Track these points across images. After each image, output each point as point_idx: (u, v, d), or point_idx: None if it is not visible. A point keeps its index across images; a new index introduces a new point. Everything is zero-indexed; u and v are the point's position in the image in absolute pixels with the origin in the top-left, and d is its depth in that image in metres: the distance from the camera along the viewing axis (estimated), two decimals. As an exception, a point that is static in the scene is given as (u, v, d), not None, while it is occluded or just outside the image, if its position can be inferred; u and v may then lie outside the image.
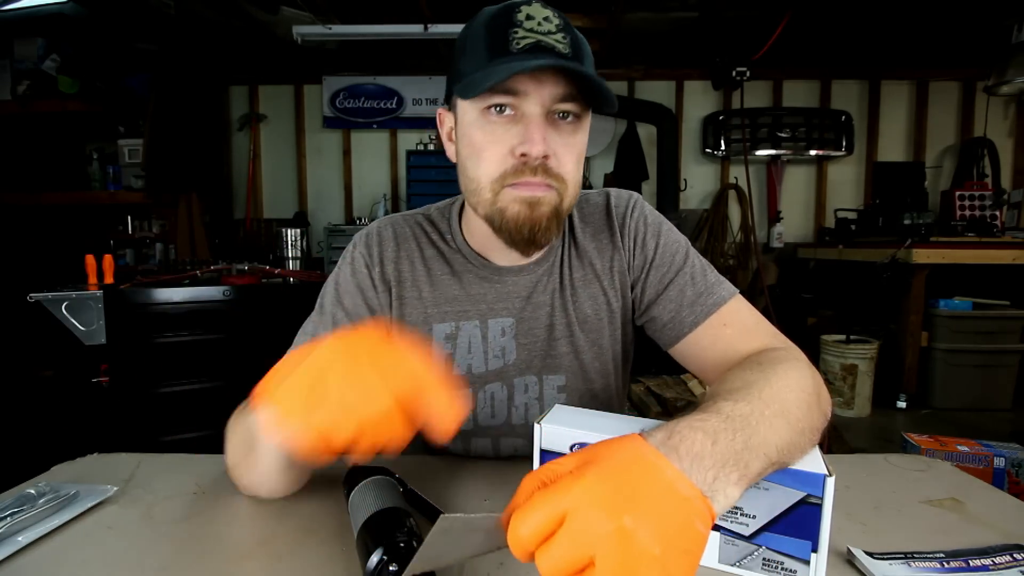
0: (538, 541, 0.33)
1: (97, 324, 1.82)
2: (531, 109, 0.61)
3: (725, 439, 0.40)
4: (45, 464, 0.72)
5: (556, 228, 0.66)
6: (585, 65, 0.61)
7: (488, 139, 0.63)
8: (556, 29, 0.60)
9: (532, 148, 0.60)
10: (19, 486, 0.64)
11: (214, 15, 3.12)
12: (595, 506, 0.32)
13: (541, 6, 0.62)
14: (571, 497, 0.33)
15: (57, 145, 3.76)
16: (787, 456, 0.45)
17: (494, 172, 0.63)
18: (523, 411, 0.77)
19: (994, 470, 1.68)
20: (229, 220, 4.22)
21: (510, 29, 0.59)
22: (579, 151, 0.65)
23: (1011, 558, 0.50)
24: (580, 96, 0.62)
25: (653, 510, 0.33)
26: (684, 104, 4.18)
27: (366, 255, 0.77)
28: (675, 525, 0.33)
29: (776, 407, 0.47)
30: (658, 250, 0.75)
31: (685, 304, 0.72)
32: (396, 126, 4.21)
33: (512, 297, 0.76)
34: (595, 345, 0.77)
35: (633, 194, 0.81)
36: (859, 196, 4.16)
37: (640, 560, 0.31)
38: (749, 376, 0.53)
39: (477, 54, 0.61)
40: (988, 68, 3.10)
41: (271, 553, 0.52)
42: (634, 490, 0.34)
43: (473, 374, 0.75)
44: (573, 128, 0.64)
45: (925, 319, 2.98)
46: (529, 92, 0.60)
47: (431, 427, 0.43)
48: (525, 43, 0.58)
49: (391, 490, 0.53)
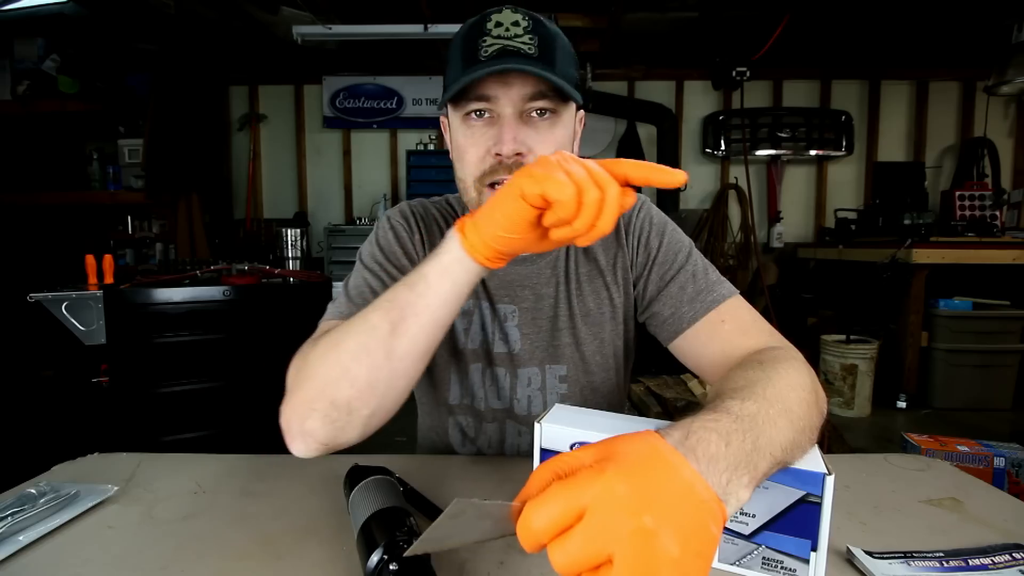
0: (553, 534, 0.33)
1: (97, 324, 1.82)
2: (503, 110, 0.65)
3: (737, 441, 0.41)
4: (45, 464, 0.72)
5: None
6: (557, 61, 0.64)
7: (468, 142, 0.68)
8: (524, 31, 0.64)
9: (503, 147, 0.64)
10: (20, 486, 0.64)
11: (214, 15, 3.13)
12: (617, 504, 0.32)
13: (511, 11, 0.66)
14: (592, 493, 0.33)
15: (57, 145, 3.77)
16: (790, 455, 0.45)
17: (475, 172, 0.68)
18: (526, 403, 0.79)
19: (994, 470, 1.68)
20: (229, 220, 4.23)
21: (480, 39, 0.64)
22: (558, 143, 0.68)
23: (1010, 557, 0.50)
24: (553, 92, 0.65)
25: (673, 511, 0.33)
26: (684, 104, 4.18)
27: (403, 223, 0.79)
28: (692, 527, 0.33)
29: (779, 406, 0.47)
30: (661, 248, 0.77)
31: (685, 300, 0.73)
32: (396, 126, 4.21)
33: (515, 286, 0.79)
34: (597, 338, 0.79)
35: (640, 196, 0.83)
36: (859, 196, 4.16)
37: (660, 561, 0.31)
38: (752, 375, 0.53)
39: (455, 64, 0.67)
40: (988, 68, 3.11)
41: (271, 553, 0.52)
42: (655, 490, 0.34)
43: (482, 349, 0.79)
44: (550, 123, 0.67)
45: (925, 319, 2.98)
46: (499, 96, 0.64)
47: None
48: (492, 50, 0.63)
49: (391, 490, 0.54)
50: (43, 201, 3.58)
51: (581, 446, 0.39)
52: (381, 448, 0.70)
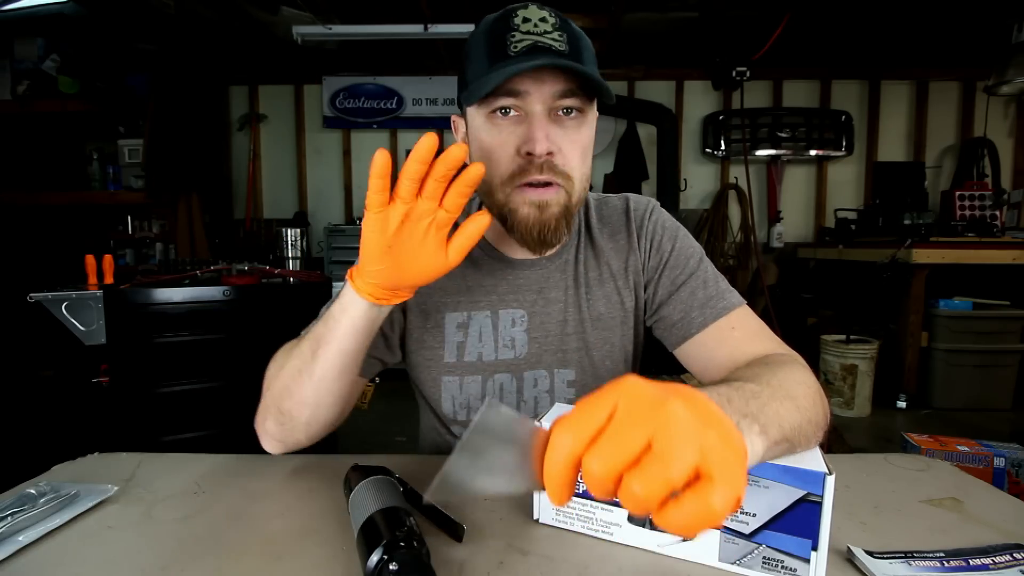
0: (624, 466, 0.30)
1: (97, 324, 1.82)
2: (534, 108, 0.62)
3: (738, 400, 0.42)
4: (45, 464, 0.72)
5: (566, 227, 0.69)
6: (585, 60, 0.63)
7: (495, 141, 0.65)
8: (553, 28, 0.62)
9: (536, 146, 0.62)
10: (19, 486, 0.63)
11: (214, 15, 3.13)
12: (644, 396, 0.32)
13: (538, 7, 0.64)
14: (617, 398, 0.32)
15: (57, 145, 3.76)
16: (795, 437, 0.46)
17: (504, 173, 0.65)
18: (532, 405, 0.78)
19: (994, 470, 1.68)
20: (229, 220, 4.23)
21: (508, 34, 0.62)
22: (584, 145, 0.67)
23: (1011, 557, 0.50)
24: (581, 91, 0.63)
25: (700, 406, 0.33)
26: (684, 104, 4.18)
27: None
28: (725, 423, 0.33)
29: (783, 392, 0.48)
30: (673, 253, 0.77)
31: (696, 305, 0.73)
32: (396, 126, 4.21)
33: (523, 290, 0.78)
34: (607, 343, 0.79)
35: (652, 200, 0.84)
36: (859, 196, 4.16)
37: (738, 463, 0.31)
38: (756, 370, 0.55)
39: (479, 61, 0.63)
40: (988, 68, 3.11)
41: (271, 553, 0.52)
42: (708, 411, 0.33)
43: (483, 362, 0.77)
44: (577, 123, 0.65)
45: (925, 319, 2.98)
46: (531, 92, 0.62)
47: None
48: (523, 45, 0.61)
49: (391, 489, 0.54)
50: (43, 201, 3.57)
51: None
52: (381, 448, 0.71)
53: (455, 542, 0.54)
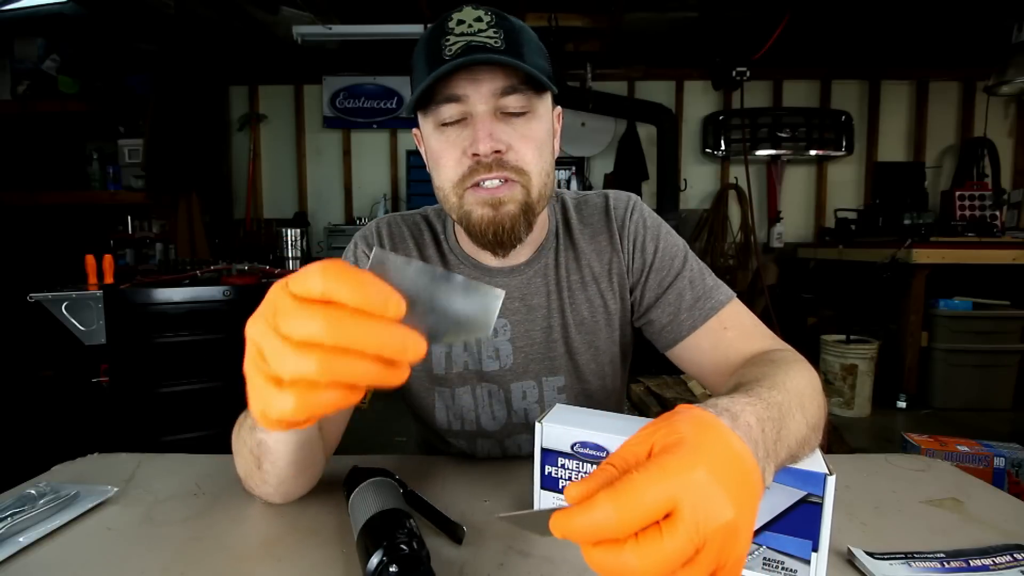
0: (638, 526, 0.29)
1: (97, 324, 1.82)
2: (476, 108, 0.62)
3: (769, 429, 0.41)
4: (45, 464, 0.72)
5: (526, 225, 0.67)
6: (525, 54, 0.61)
7: (443, 146, 0.64)
8: (488, 26, 0.61)
9: (480, 146, 0.61)
10: (19, 486, 0.63)
11: (214, 15, 3.13)
12: (710, 496, 0.30)
13: (472, 8, 0.63)
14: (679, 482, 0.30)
15: (57, 145, 3.76)
16: (800, 451, 0.46)
17: (454, 176, 0.64)
18: (523, 415, 0.77)
19: (994, 470, 1.68)
20: (229, 220, 4.22)
21: (442, 38, 0.61)
22: (538, 139, 0.65)
23: (1011, 558, 0.50)
24: (526, 84, 0.62)
25: (730, 471, 0.32)
26: (684, 104, 4.18)
27: (367, 253, 0.77)
28: (748, 495, 0.33)
29: (797, 401, 0.48)
30: (657, 254, 0.76)
31: (683, 308, 0.72)
32: (396, 126, 4.20)
33: (504, 298, 0.76)
34: (591, 347, 0.77)
35: (632, 196, 0.81)
36: (859, 196, 4.16)
37: (741, 540, 0.31)
38: (770, 369, 0.54)
39: (420, 70, 0.62)
40: (988, 68, 3.11)
41: (271, 554, 0.52)
42: (739, 477, 0.33)
43: (469, 371, 0.76)
44: (527, 119, 0.64)
45: (925, 319, 2.98)
46: (469, 94, 0.61)
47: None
48: (456, 47, 0.59)
49: (391, 491, 0.53)
50: (43, 201, 3.57)
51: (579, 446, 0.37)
52: (381, 449, 0.71)
53: (455, 544, 0.54)
